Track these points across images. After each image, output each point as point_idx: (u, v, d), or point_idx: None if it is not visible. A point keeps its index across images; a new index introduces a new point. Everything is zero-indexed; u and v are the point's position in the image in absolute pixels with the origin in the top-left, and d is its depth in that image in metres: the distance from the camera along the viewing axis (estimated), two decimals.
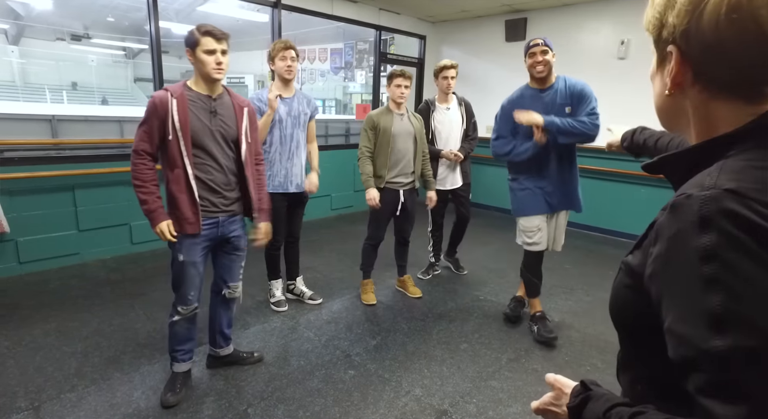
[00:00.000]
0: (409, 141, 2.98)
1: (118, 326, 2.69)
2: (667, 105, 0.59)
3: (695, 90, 0.54)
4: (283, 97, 2.68)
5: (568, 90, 2.52)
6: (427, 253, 3.76)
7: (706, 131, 0.55)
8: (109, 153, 4.08)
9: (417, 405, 2.09)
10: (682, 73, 0.54)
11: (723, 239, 0.43)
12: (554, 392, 0.67)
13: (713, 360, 0.43)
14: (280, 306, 2.97)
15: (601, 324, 2.90)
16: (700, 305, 0.44)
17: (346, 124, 7.62)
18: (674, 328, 0.47)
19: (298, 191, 2.81)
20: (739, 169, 0.47)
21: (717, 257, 0.44)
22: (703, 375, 0.44)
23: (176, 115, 1.87)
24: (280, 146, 2.71)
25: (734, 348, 0.42)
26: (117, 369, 2.27)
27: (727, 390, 0.42)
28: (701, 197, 0.46)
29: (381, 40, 5.81)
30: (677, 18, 0.51)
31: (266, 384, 2.20)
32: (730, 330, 0.42)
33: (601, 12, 4.87)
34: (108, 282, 3.32)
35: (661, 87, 0.58)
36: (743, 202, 0.44)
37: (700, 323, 0.44)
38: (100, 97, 18.66)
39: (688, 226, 0.46)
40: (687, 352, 0.45)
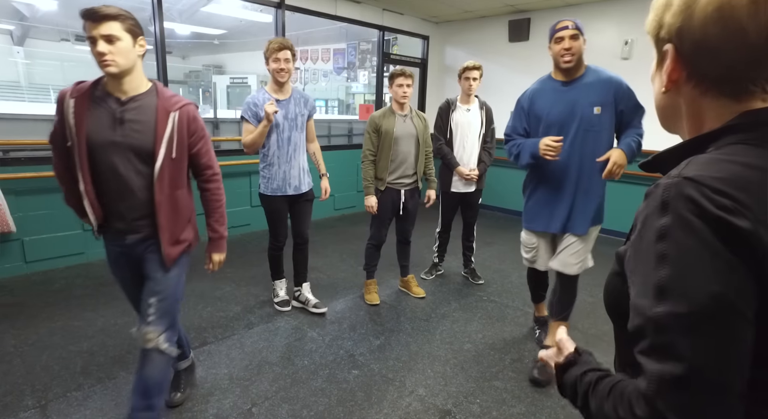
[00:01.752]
0: (411, 143, 2.98)
1: (124, 325, 2.70)
2: (665, 103, 0.63)
3: (689, 87, 0.58)
4: (279, 100, 2.60)
5: (602, 86, 2.08)
6: (432, 253, 3.76)
7: (696, 127, 0.59)
8: None
9: (420, 405, 2.10)
10: (677, 71, 0.57)
11: (676, 220, 0.49)
12: (557, 349, 0.75)
13: (654, 325, 0.48)
14: (283, 306, 2.96)
15: (604, 325, 2.90)
16: (652, 278, 0.50)
17: (348, 124, 7.63)
18: (633, 301, 0.52)
19: (296, 193, 2.76)
20: (705, 161, 0.52)
21: (669, 235, 0.49)
22: (647, 340, 0.49)
23: (72, 118, 1.49)
24: (277, 150, 2.65)
25: (669, 313, 0.47)
26: (122, 368, 2.28)
27: (661, 350, 0.48)
28: (665, 184, 0.51)
29: (384, 40, 5.82)
30: (673, 17, 0.55)
31: (270, 384, 2.21)
32: (670, 299, 0.47)
33: (604, 12, 4.87)
34: (113, 282, 3.32)
35: (659, 85, 0.62)
36: (698, 188, 0.48)
37: (649, 293, 0.49)
38: None
39: (653, 210, 0.52)
40: (637, 320, 0.51)
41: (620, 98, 2.09)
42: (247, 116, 2.58)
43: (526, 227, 2.41)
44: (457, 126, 3.33)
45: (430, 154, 3.13)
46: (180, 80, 19.31)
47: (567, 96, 2.12)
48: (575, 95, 2.11)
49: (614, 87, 2.08)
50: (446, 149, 3.34)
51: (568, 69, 2.09)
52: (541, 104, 2.18)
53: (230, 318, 2.86)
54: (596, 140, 2.11)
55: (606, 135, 2.13)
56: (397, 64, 5.97)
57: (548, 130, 2.16)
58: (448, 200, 3.48)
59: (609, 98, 2.07)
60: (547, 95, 2.18)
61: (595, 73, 2.13)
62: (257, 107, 2.57)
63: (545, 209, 2.27)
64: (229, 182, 4.49)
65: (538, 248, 2.40)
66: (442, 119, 3.36)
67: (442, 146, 3.34)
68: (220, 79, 17.82)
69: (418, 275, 3.57)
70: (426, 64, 6.37)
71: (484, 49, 5.88)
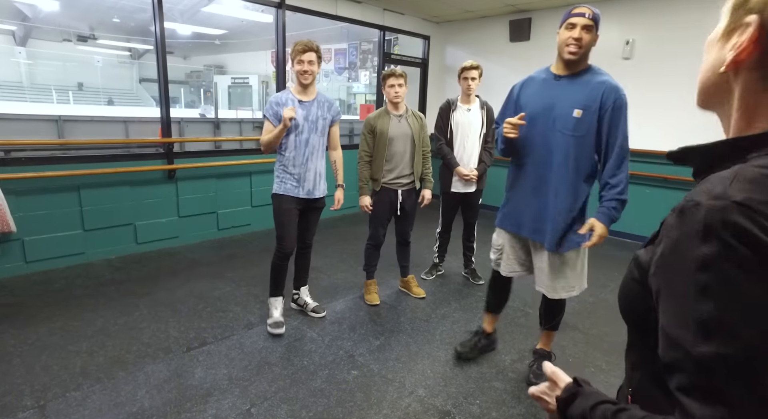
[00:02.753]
0: (407, 143, 2.97)
1: (123, 325, 2.70)
2: (714, 81, 0.54)
3: (753, 76, 0.49)
4: (302, 101, 2.57)
5: (592, 89, 1.86)
6: (432, 253, 3.75)
7: (746, 121, 0.52)
8: (114, 153, 4.11)
9: (420, 405, 2.09)
10: (749, 52, 0.48)
11: (722, 250, 0.44)
12: (549, 383, 0.70)
13: (697, 364, 0.45)
14: (276, 328, 2.66)
15: (605, 326, 2.89)
16: (692, 311, 0.46)
17: (350, 124, 7.63)
18: (666, 329, 0.49)
19: (309, 197, 2.66)
20: (752, 178, 0.46)
21: (714, 267, 0.44)
22: (686, 376, 0.46)
23: None
24: (294, 151, 2.58)
25: (717, 354, 0.44)
26: (121, 368, 2.28)
27: (708, 393, 0.44)
28: (708, 206, 0.46)
29: (385, 40, 5.81)
30: None
31: (269, 384, 2.20)
32: (716, 338, 0.44)
33: (605, 12, 4.83)
34: (113, 282, 3.34)
35: (717, 60, 0.53)
36: (750, 215, 0.43)
37: (689, 327, 0.46)
38: (105, 98, 18.81)
39: (692, 233, 0.47)
40: (675, 353, 0.47)
41: (606, 106, 1.83)
42: (269, 114, 2.54)
43: (496, 225, 2.27)
44: (458, 126, 3.32)
45: (427, 154, 3.12)
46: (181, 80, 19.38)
47: (552, 91, 1.93)
48: (560, 92, 1.91)
49: (604, 92, 1.83)
50: (446, 149, 3.33)
51: (569, 62, 1.87)
52: (527, 94, 2.03)
53: (230, 318, 2.86)
54: (572, 145, 1.89)
55: (586, 143, 1.89)
56: (398, 64, 5.97)
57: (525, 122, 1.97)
58: (449, 201, 3.48)
59: (595, 103, 1.84)
60: (535, 86, 2.01)
61: (594, 73, 1.90)
62: (279, 105, 2.54)
63: (516, 209, 2.13)
64: (229, 182, 4.51)
65: (503, 250, 2.25)
66: (442, 119, 3.35)
67: (443, 146, 3.33)
68: (222, 79, 17.87)
69: (418, 276, 3.56)
70: (427, 64, 6.37)
71: (484, 49, 5.87)
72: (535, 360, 2.35)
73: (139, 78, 20.26)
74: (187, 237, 4.27)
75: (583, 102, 1.86)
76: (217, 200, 4.45)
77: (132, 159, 3.90)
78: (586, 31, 1.82)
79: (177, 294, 3.16)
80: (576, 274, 2.10)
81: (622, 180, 1.87)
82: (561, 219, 1.97)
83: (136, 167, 3.83)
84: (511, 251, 2.22)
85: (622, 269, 3.74)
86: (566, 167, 1.92)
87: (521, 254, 2.21)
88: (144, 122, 7.81)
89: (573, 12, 1.84)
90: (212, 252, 4.08)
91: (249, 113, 13.62)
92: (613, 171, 1.88)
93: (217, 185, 4.43)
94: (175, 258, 3.88)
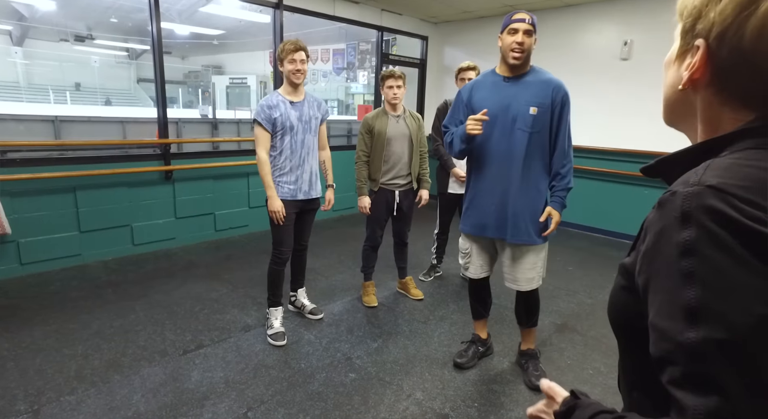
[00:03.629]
0: (405, 143, 2.96)
1: (119, 328, 2.68)
2: (676, 98, 0.57)
3: (709, 91, 0.52)
4: (293, 102, 2.57)
5: (542, 87, 2.00)
6: (430, 255, 3.74)
7: (710, 133, 0.54)
8: (111, 154, 4.09)
9: (418, 408, 2.08)
10: (702, 71, 0.52)
11: (702, 234, 0.44)
12: (547, 400, 0.68)
13: (686, 352, 0.44)
14: (278, 340, 2.57)
15: (603, 327, 2.88)
16: (677, 299, 0.45)
17: (348, 124, 7.62)
18: (654, 322, 0.48)
19: (306, 198, 2.65)
20: (725, 166, 0.47)
21: (695, 251, 0.44)
22: (678, 368, 0.44)
23: None
24: (290, 153, 2.55)
25: (706, 340, 0.42)
26: (117, 372, 2.26)
27: (699, 381, 0.43)
28: (684, 194, 0.47)
29: (383, 40, 5.80)
30: (720, 15, 0.49)
31: (266, 387, 2.19)
32: (703, 323, 0.43)
33: (604, 12, 4.85)
34: (109, 284, 3.31)
35: (675, 79, 0.56)
36: (724, 198, 0.44)
37: (676, 316, 0.45)
38: (103, 98, 18.74)
39: (672, 221, 0.47)
40: (665, 345, 0.46)
41: (556, 103, 2.00)
42: (260, 118, 2.50)
43: (461, 230, 2.30)
44: None
45: (425, 155, 3.12)
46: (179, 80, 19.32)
47: (505, 92, 2.04)
48: (513, 92, 2.02)
49: (553, 89, 1.99)
50: (443, 149, 3.31)
51: (514, 65, 2.00)
52: (479, 97, 2.10)
53: (227, 320, 2.84)
54: (531, 141, 2.01)
55: (540, 138, 2.03)
56: (396, 65, 5.96)
57: (483, 125, 2.03)
58: (446, 202, 3.46)
59: (546, 100, 1.99)
60: (486, 89, 2.10)
61: (537, 73, 2.05)
62: (271, 109, 2.50)
63: (479, 211, 2.16)
64: (226, 183, 4.49)
65: (471, 254, 2.29)
66: (440, 120, 3.34)
67: (440, 146, 3.32)
68: (219, 79, 17.82)
69: (416, 277, 3.55)
70: (425, 65, 6.36)
71: (482, 49, 5.86)
72: (527, 361, 2.36)
73: (136, 78, 20.20)
74: (184, 238, 4.25)
75: (537, 100, 2.00)
76: (215, 201, 4.43)
77: (129, 160, 3.88)
78: (527, 36, 1.96)
79: (173, 296, 3.14)
80: (542, 263, 2.21)
81: (570, 170, 2.08)
82: (524, 212, 2.08)
83: (133, 168, 3.81)
84: (478, 253, 2.28)
85: None
86: (527, 162, 2.04)
87: (489, 255, 2.29)
88: (141, 122, 7.77)
89: (514, 18, 1.97)
90: (209, 254, 4.06)
91: (247, 113, 13.61)
92: (562, 162, 2.07)
93: (215, 186, 4.41)
94: (171, 260, 3.86)
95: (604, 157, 4.85)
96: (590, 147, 4.90)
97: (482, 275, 2.32)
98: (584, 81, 4.85)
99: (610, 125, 4.83)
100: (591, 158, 4.93)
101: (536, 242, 2.12)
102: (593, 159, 4.92)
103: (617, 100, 4.78)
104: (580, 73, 4.91)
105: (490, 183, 2.11)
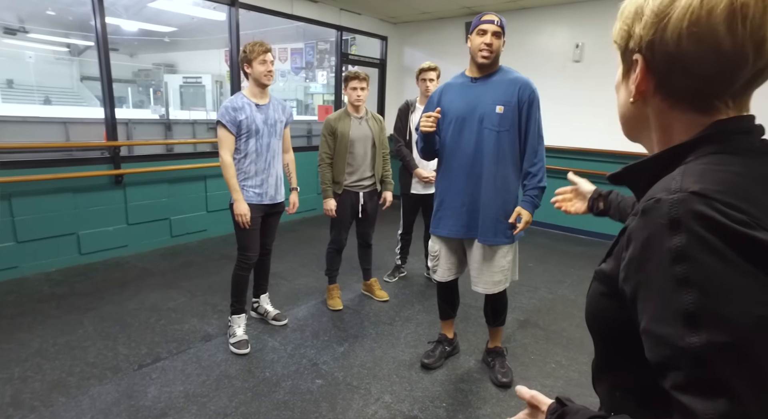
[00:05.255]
0: (368, 145, 2.95)
1: (64, 345, 2.50)
2: (631, 113, 0.61)
3: (657, 99, 0.56)
4: (259, 105, 2.50)
5: (508, 85, 2.01)
6: (394, 255, 3.74)
7: (666, 140, 0.57)
8: (53, 158, 3.81)
9: (387, 412, 2.06)
10: (645, 82, 0.56)
11: (693, 239, 0.45)
12: (529, 409, 0.67)
13: (689, 357, 0.44)
14: (241, 348, 2.49)
15: (563, 321, 2.97)
16: (674, 305, 0.45)
17: (308, 125, 7.50)
18: (651, 328, 0.48)
19: (272, 202, 2.60)
20: (699, 172, 0.49)
21: (688, 257, 0.45)
22: (681, 373, 0.45)
23: None
24: (256, 157, 2.50)
25: (709, 344, 0.43)
26: (62, 394, 2.09)
27: (705, 385, 0.43)
28: (670, 200, 0.47)
29: (342, 40, 5.75)
30: (644, 29, 0.54)
31: (229, 399, 2.10)
32: (704, 327, 0.43)
33: (556, 16, 5.02)
34: (53, 297, 3.08)
35: (626, 95, 0.60)
36: (709, 203, 0.45)
37: (675, 322, 0.45)
38: (41, 97, 17.50)
39: (660, 228, 0.47)
40: (664, 351, 0.46)
41: (523, 101, 2.01)
42: (225, 120, 2.40)
43: (431, 232, 2.29)
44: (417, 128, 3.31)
45: (387, 156, 3.11)
46: (128, 79, 18.38)
47: (472, 92, 2.06)
48: (480, 92, 2.04)
49: (519, 87, 2.00)
50: (405, 150, 3.32)
51: (482, 65, 2.02)
52: (448, 99, 2.11)
53: (185, 330, 2.71)
54: (499, 140, 2.02)
55: (509, 136, 2.03)
56: (355, 65, 5.92)
57: (450, 125, 2.08)
58: (409, 202, 3.47)
59: (513, 99, 2.00)
60: (454, 90, 2.12)
61: (504, 72, 2.06)
62: (237, 111, 2.42)
63: (450, 212, 2.15)
64: (182, 187, 4.30)
65: (439, 256, 2.27)
66: (401, 121, 3.34)
67: (402, 147, 3.32)
68: (172, 78, 17.10)
69: (381, 278, 3.54)
70: (385, 65, 6.36)
71: (442, 50, 5.93)
72: (493, 359, 2.39)
73: (80, 76, 19.03)
74: (138, 246, 4.03)
75: (503, 98, 2.01)
76: (170, 205, 4.23)
77: (74, 164, 3.63)
78: (496, 37, 1.98)
79: (127, 307, 2.97)
80: (510, 266, 2.19)
81: (541, 168, 2.07)
82: (495, 212, 2.07)
83: (79, 173, 3.57)
84: (447, 255, 2.26)
85: (578, 264, 3.84)
86: (497, 162, 2.04)
87: (457, 257, 2.28)
88: (87, 123, 7.29)
89: (483, 19, 1.98)
90: (165, 261, 3.87)
91: (203, 113, 13.12)
92: (532, 160, 2.07)
93: (170, 189, 4.21)
94: (124, 269, 3.65)
95: (561, 156, 5.02)
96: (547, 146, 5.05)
97: (450, 278, 2.31)
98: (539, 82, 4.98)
99: (565, 124, 5.00)
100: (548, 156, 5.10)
101: (504, 243, 2.12)
102: (550, 157, 5.08)
103: (570, 100, 4.97)
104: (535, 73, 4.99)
105: (460, 184, 2.11)
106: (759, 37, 0.48)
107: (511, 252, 2.18)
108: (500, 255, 2.14)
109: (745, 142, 0.52)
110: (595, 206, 1.12)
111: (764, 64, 0.49)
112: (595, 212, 1.12)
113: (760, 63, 0.49)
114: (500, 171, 2.06)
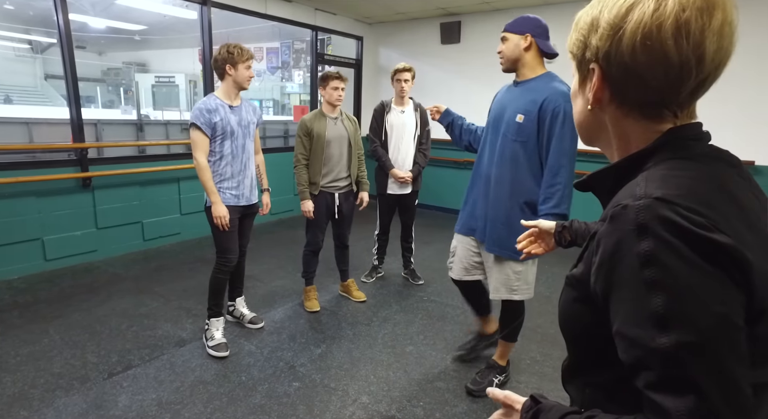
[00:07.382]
0: (344, 145, 2.94)
1: (27, 356, 2.40)
2: (589, 120, 0.64)
3: (612, 107, 0.59)
4: (232, 107, 2.49)
5: (535, 94, 1.85)
6: (371, 256, 3.74)
7: (624, 146, 0.60)
8: (14, 160, 3.66)
9: (364, 413, 2.06)
10: (602, 90, 0.58)
11: (660, 244, 0.47)
12: (504, 409, 0.68)
13: (660, 357, 0.46)
14: (220, 351, 2.46)
15: (538, 318, 3.03)
16: (645, 308, 0.47)
17: (284, 125, 7.44)
18: (623, 331, 0.50)
19: (247, 203, 2.61)
20: (660, 177, 0.52)
21: (656, 261, 0.47)
22: (652, 373, 0.47)
23: None
24: (231, 159, 2.48)
25: (677, 344, 0.45)
26: (24, 407, 2.01)
27: (676, 383, 0.45)
28: (636, 207, 0.49)
29: (317, 40, 5.72)
30: (600, 40, 0.56)
31: (204, 406, 2.06)
32: (673, 328, 0.45)
33: None
34: (15, 306, 2.96)
35: (583, 103, 0.63)
36: (672, 208, 0.47)
37: (645, 324, 0.47)
38: (1, 96, 16.78)
39: (628, 234, 0.49)
40: (636, 352, 0.48)
41: (546, 113, 1.81)
42: (200, 122, 2.36)
43: (455, 230, 2.26)
44: (392, 128, 3.33)
45: (362, 157, 3.11)
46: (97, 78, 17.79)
47: (508, 96, 1.99)
48: (513, 97, 1.94)
49: (546, 98, 1.81)
50: (381, 151, 3.33)
51: (507, 70, 1.97)
52: (496, 99, 2.09)
53: (158, 336, 2.65)
54: (516, 150, 1.89)
55: (528, 149, 1.88)
56: (331, 65, 5.89)
57: (487, 126, 2.06)
58: (385, 202, 3.48)
59: (534, 108, 1.83)
60: (503, 92, 2.08)
61: (545, 80, 1.89)
62: (211, 113, 2.39)
63: (470, 214, 2.14)
64: (154, 189, 4.20)
65: (456, 253, 2.23)
66: (376, 121, 3.34)
67: (377, 147, 3.33)
68: (144, 77, 16.64)
69: (358, 279, 3.53)
70: (360, 65, 6.35)
71: (417, 50, 5.96)
72: (481, 370, 2.30)
73: (44, 74, 18.31)
74: (108, 250, 3.91)
75: (525, 107, 1.86)
76: (142, 208, 4.12)
77: (37, 167, 3.50)
78: (502, 42, 1.95)
79: (96, 314, 2.88)
80: (519, 277, 2.06)
81: (556, 193, 1.83)
82: (499, 224, 1.97)
83: (43, 176, 3.44)
84: (463, 254, 2.19)
85: (553, 261, 3.90)
86: (514, 173, 1.91)
87: (471, 258, 2.18)
88: (52, 124, 7.02)
89: None
90: (137, 265, 3.77)
91: (176, 113, 12.83)
92: (549, 182, 1.85)
93: (142, 192, 4.10)
94: (93, 274, 3.53)
95: None
96: None
97: (465, 277, 2.22)
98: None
99: None
100: None
101: (508, 256, 1.98)
102: None
103: None
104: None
105: (480, 186, 2.06)
106: (700, 52, 0.51)
107: (520, 266, 2.03)
108: (507, 265, 2.03)
109: (698, 148, 0.56)
110: (562, 238, 1.14)
111: (705, 76, 0.53)
112: (564, 244, 1.14)
113: (701, 75, 0.52)
114: (517, 184, 1.91)
